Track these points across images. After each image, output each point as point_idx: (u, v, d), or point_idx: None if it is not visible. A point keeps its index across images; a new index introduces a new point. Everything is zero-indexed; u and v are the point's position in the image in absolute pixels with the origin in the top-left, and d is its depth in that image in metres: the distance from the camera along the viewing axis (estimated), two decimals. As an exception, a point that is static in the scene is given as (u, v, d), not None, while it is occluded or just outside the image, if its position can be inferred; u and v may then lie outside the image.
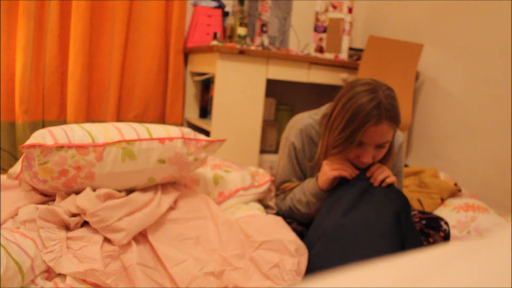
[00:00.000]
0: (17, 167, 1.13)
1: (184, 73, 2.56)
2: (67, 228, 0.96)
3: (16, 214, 0.99)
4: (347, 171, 1.21)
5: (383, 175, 1.19)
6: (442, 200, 1.71)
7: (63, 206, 0.96)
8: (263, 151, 2.40)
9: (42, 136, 0.97)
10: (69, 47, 2.17)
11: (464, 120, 2.17)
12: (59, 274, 0.88)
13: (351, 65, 2.34)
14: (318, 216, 1.21)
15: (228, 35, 2.46)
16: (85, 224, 0.98)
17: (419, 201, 1.69)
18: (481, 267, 0.26)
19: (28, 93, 2.08)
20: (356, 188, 1.18)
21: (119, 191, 1.10)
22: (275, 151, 2.47)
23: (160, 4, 2.38)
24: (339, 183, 1.24)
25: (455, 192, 1.77)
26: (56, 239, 0.90)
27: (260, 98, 2.13)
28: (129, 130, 1.10)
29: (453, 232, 1.47)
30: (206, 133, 2.18)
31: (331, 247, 1.09)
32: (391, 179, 1.19)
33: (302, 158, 1.39)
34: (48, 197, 1.07)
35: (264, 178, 1.44)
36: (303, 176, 1.41)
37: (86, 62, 2.20)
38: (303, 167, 1.40)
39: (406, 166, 2.12)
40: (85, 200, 0.96)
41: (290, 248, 1.07)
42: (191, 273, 0.94)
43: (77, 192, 1.03)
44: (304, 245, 1.14)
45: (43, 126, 2.19)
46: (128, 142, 1.07)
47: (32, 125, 2.13)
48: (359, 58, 2.53)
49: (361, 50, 2.57)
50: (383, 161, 1.25)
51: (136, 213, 1.02)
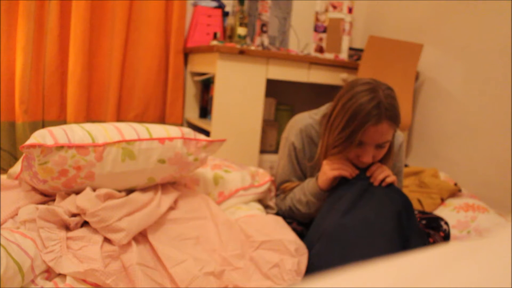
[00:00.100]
0: (17, 167, 1.13)
1: (184, 73, 2.56)
2: (67, 228, 0.96)
3: (16, 214, 0.99)
4: (347, 171, 1.21)
5: (383, 174, 1.19)
6: (442, 200, 1.71)
7: (63, 206, 0.96)
8: (263, 151, 2.40)
9: (42, 136, 0.97)
10: (69, 47, 2.17)
11: (464, 120, 2.17)
12: (59, 274, 0.88)
13: (351, 65, 2.34)
14: (318, 216, 1.21)
15: (228, 35, 2.46)
16: (85, 224, 0.98)
17: (419, 201, 1.69)
18: (481, 267, 0.26)
19: (28, 93, 2.08)
20: (356, 188, 1.17)
21: (119, 191, 1.10)
22: (275, 151, 2.47)
23: (160, 4, 2.38)
24: (339, 183, 1.24)
25: (455, 192, 1.77)
26: (56, 239, 0.90)
27: (260, 98, 2.13)
28: (129, 130, 1.10)
29: (453, 232, 1.47)
30: (206, 133, 2.18)
31: (331, 247, 1.09)
32: (391, 178, 1.19)
33: (302, 158, 1.39)
34: (48, 197, 1.07)
35: (264, 178, 1.44)
36: (303, 176, 1.41)
37: (86, 62, 2.20)
38: (303, 167, 1.40)
39: (406, 166, 2.12)
40: (85, 200, 0.96)
41: (290, 248, 1.07)
42: (191, 273, 0.94)
43: (77, 192, 1.03)
44: (304, 245, 1.14)
45: (43, 126, 2.19)
46: (128, 142, 1.07)
47: (32, 125, 2.13)
48: (359, 58, 2.53)
49: (361, 50, 2.57)
50: (383, 160, 1.25)
51: (136, 213, 1.02)
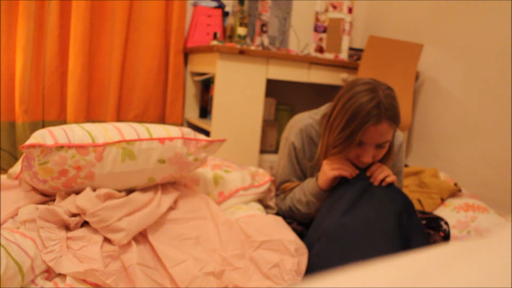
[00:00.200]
0: (17, 167, 1.13)
1: (184, 73, 2.56)
2: (67, 228, 0.96)
3: (16, 214, 0.99)
4: (347, 171, 1.21)
5: (383, 174, 1.19)
6: (442, 200, 1.71)
7: (63, 206, 0.96)
8: (263, 151, 2.40)
9: (42, 136, 0.97)
10: (69, 47, 2.17)
11: (464, 120, 2.17)
12: (59, 274, 0.88)
13: (351, 65, 2.34)
14: (318, 216, 1.21)
15: (228, 35, 2.46)
16: (85, 224, 0.98)
17: (419, 201, 1.69)
18: (481, 267, 0.26)
19: (28, 93, 2.08)
20: (356, 188, 1.17)
21: (119, 191, 1.10)
22: (275, 151, 2.47)
23: (160, 4, 2.38)
24: (339, 182, 1.24)
25: (455, 192, 1.77)
26: (56, 239, 0.90)
27: (260, 98, 2.13)
28: (129, 130, 1.10)
29: (453, 232, 1.47)
30: (206, 133, 2.18)
31: (331, 247, 1.09)
32: (391, 178, 1.19)
33: (302, 158, 1.39)
34: (48, 197, 1.07)
35: (264, 178, 1.44)
36: (303, 176, 1.41)
37: (86, 62, 2.20)
38: (303, 167, 1.40)
39: (406, 166, 2.12)
40: (85, 200, 0.96)
41: (290, 248, 1.07)
42: (191, 273, 0.94)
43: (77, 192, 1.03)
44: (304, 245, 1.14)
45: (43, 126, 2.19)
46: (128, 142, 1.07)
47: (32, 125, 2.13)
48: (359, 58, 2.53)
49: (361, 50, 2.57)
50: (383, 160, 1.25)
51: (136, 213, 1.02)
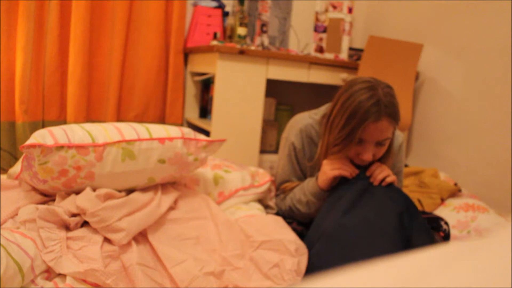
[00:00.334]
0: (17, 167, 1.13)
1: (184, 73, 2.56)
2: (67, 228, 0.96)
3: (16, 214, 0.99)
4: (347, 171, 1.21)
5: (383, 174, 1.19)
6: (442, 200, 1.71)
7: (63, 206, 0.96)
8: (263, 151, 2.40)
9: (42, 136, 0.97)
10: (69, 47, 2.17)
11: (464, 120, 2.17)
12: (59, 274, 0.88)
13: (351, 65, 2.34)
14: (318, 216, 1.21)
15: (228, 35, 2.46)
16: (85, 224, 0.98)
17: (419, 201, 1.69)
18: (481, 267, 0.26)
19: (28, 93, 2.08)
20: (356, 188, 1.17)
21: (119, 191, 1.10)
22: (275, 151, 2.47)
23: (160, 4, 2.38)
24: (339, 182, 1.24)
25: (455, 192, 1.76)
26: (56, 239, 0.90)
27: (260, 98, 2.13)
28: (129, 130, 1.10)
29: (453, 232, 1.47)
30: (206, 133, 2.18)
31: (331, 247, 1.09)
32: (391, 178, 1.19)
33: (302, 158, 1.39)
34: (48, 197, 1.07)
35: (264, 178, 1.44)
36: (303, 176, 1.41)
37: (86, 62, 2.20)
38: (303, 167, 1.40)
39: (406, 166, 2.12)
40: (85, 200, 0.96)
41: (290, 248, 1.07)
42: (191, 273, 0.94)
43: (77, 192, 1.03)
44: (304, 245, 1.14)
45: (43, 126, 2.19)
46: (128, 142, 1.07)
47: (32, 125, 2.13)
48: (359, 58, 2.53)
49: (361, 50, 2.57)
50: (383, 160, 1.25)
51: (136, 213, 1.02)
